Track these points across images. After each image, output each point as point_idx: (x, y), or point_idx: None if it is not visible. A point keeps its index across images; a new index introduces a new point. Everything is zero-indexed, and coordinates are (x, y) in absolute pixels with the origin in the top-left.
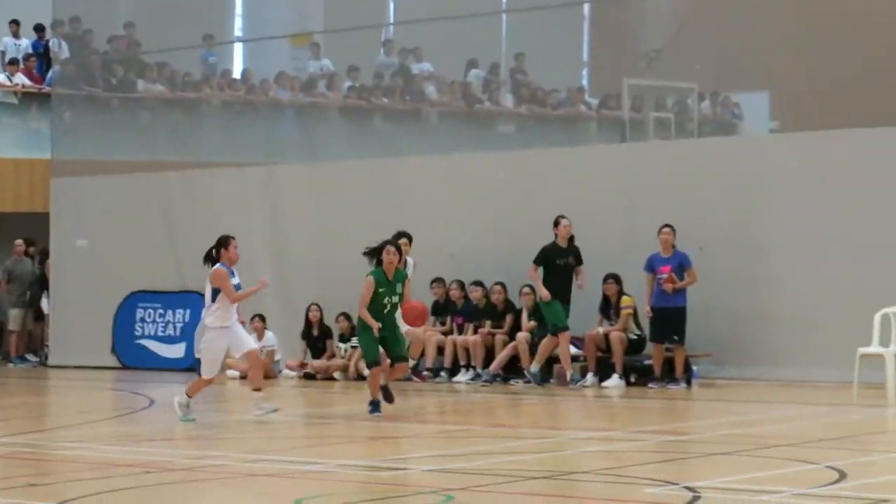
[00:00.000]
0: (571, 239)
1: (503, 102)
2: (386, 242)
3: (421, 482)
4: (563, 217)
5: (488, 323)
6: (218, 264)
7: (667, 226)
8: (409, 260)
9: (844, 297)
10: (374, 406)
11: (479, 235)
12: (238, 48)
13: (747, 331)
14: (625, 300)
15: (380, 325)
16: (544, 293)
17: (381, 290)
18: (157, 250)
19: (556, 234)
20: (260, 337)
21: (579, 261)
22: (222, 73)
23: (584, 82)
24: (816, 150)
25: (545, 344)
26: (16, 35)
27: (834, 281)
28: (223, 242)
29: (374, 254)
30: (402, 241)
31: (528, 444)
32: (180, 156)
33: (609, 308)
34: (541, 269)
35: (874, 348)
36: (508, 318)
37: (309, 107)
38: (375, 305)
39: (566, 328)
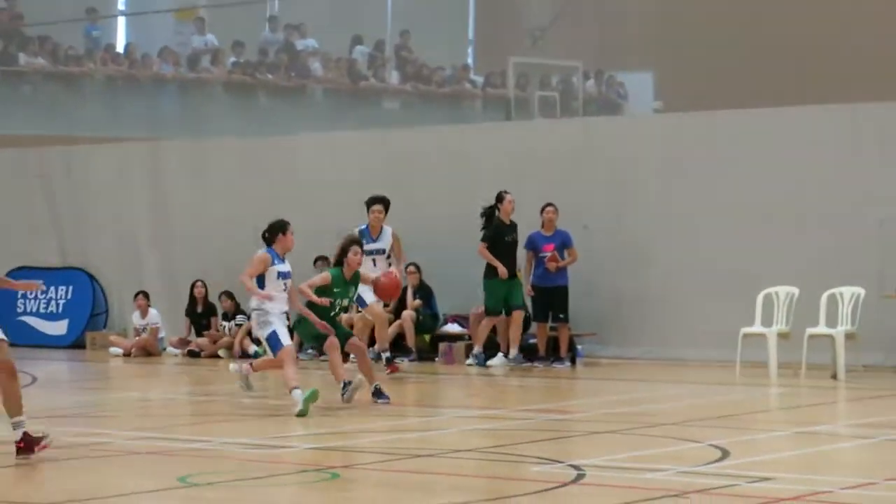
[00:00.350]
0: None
1: (388, 80)
2: (352, 241)
3: (305, 460)
4: (506, 192)
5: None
6: (265, 249)
7: (549, 204)
8: (387, 229)
9: (727, 277)
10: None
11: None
12: (121, 22)
13: (631, 310)
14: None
15: (328, 300)
16: (503, 270)
17: (336, 289)
18: (39, 226)
19: (498, 210)
20: (144, 314)
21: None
22: (105, 47)
23: (470, 60)
24: (700, 131)
25: (484, 325)
26: None
27: (717, 261)
28: (281, 228)
29: (341, 255)
30: (377, 207)
31: (413, 422)
32: (62, 130)
33: None
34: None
35: (756, 328)
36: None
37: (193, 82)
38: (321, 307)
39: (499, 313)
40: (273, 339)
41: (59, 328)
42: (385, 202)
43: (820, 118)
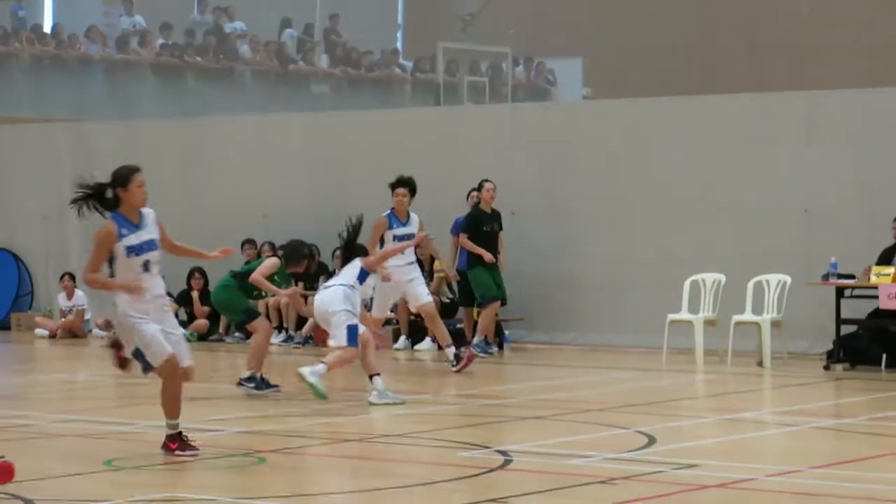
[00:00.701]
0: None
1: (317, 63)
2: (301, 245)
3: (233, 444)
4: (487, 181)
5: (301, 284)
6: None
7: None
8: (414, 217)
9: (654, 263)
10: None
11: (292, 197)
12: (48, 2)
13: (558, 296)
14: (437, 264)
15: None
16: (489, 256)
17: (276, 277)
18: None
19: (478, 199)
20: (70, 296)
21: (501, 226)
22: (32, 27)
23: (399, 45)
24: (628, 118)
25: (488, 314)
26: None
27: (644, 248)
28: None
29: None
30: (401, 190)
31: (340, 406)
32: None
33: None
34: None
35: (683, 314)
36: (321, 280)
37: (120, 64)
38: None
39: (497, 298)
40: (352, 333)
41: None
42: (410, 185)
43: (747, 107)
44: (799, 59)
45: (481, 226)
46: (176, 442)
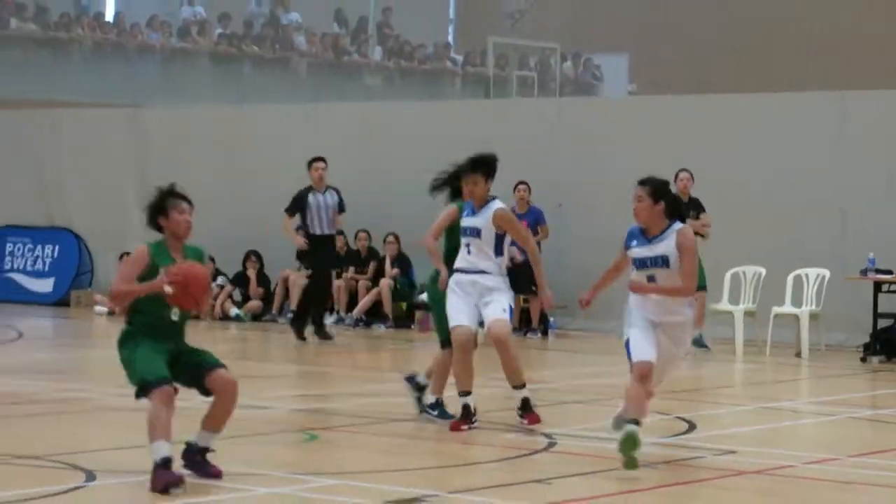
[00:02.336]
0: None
1: (370, 55)
2: None
3: (285, 420)
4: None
5: (352, 269)
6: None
7: (522, 182)
8: (493, 204)
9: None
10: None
11: (343, 184)
12: None
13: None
14: None
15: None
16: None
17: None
18: (27, 187)
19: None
20: None
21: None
22: (94, 15)
23: (450, 39)
24: (670, 114)
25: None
26: None
27: None
28: None
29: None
30: (473, 178)
31: (390, 387)
32: (50, 95)
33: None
34: None
35: (724, 305)
36: (372, 265)
37: (179, 52)
38: None
39: None
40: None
41: (45, 286)
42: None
43: (792, 105)
44: (852, 58)
45: None
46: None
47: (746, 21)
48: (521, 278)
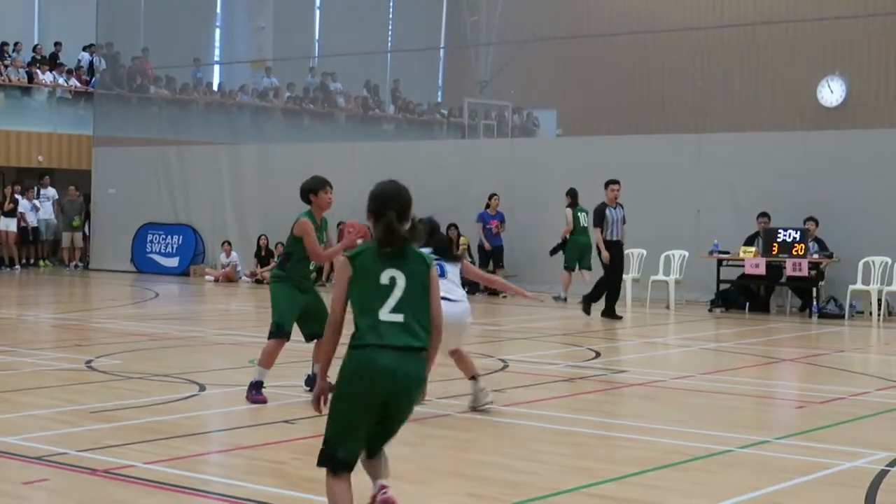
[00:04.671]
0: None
1: (386, 110)
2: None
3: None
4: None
5: None
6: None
7: (494, 194)
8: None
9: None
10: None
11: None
12: (216, 68)
13: (536, 262)
14: (463, 239)
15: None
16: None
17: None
18: (161, 197)
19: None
20: (227, 255)
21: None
22: (206, 83)
23: (439, 99)
24: (588, 149)
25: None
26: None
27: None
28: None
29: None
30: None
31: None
32: (177, 136)
33: (453, 244)
34: None
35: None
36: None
37: (261, 109)
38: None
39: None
40: None
41: (173, 262)
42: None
43: (666, 142)
44: (693, 110)
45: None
46: None
47: (635, 81)
48: (491, 257)
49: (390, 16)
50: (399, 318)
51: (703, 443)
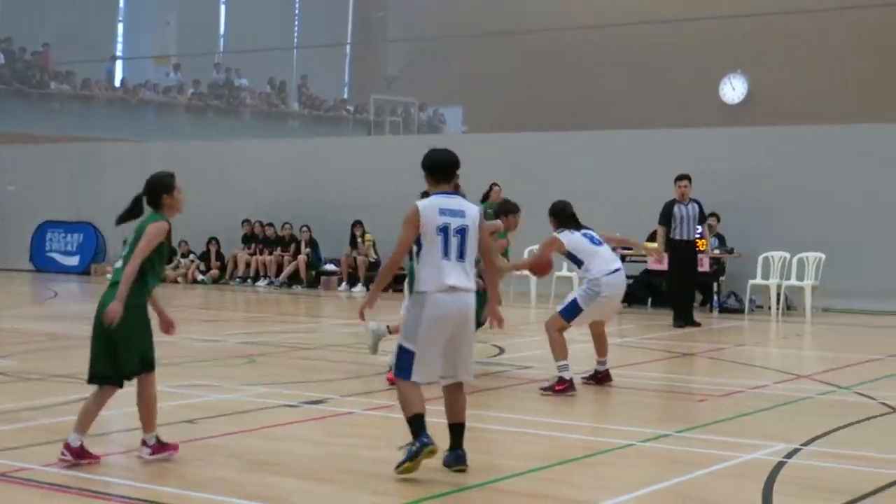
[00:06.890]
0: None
1: (292, 106)
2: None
3: (232, 350)
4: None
5: (279, 248)
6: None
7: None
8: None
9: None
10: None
11: (278, 193)
12: (119, 63)
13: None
14: (367, 236)
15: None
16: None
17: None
18: (61, 194)
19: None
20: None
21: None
22: (108, 78)
23: (346, 95)
24: (490, 145)
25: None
26: None
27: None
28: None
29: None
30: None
31: (302, 325)
32: (79, 133)
33: (355, 240)
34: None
35: (526, 272)
36: (293, 246)
37: (164, 105)
38: None
39: None
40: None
41: (73, 261)
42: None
43: (574, 141)
44: (599, 108)
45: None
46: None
47: (542, 78)
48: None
49: (296, 11)
50: None
51: (607, 437)
